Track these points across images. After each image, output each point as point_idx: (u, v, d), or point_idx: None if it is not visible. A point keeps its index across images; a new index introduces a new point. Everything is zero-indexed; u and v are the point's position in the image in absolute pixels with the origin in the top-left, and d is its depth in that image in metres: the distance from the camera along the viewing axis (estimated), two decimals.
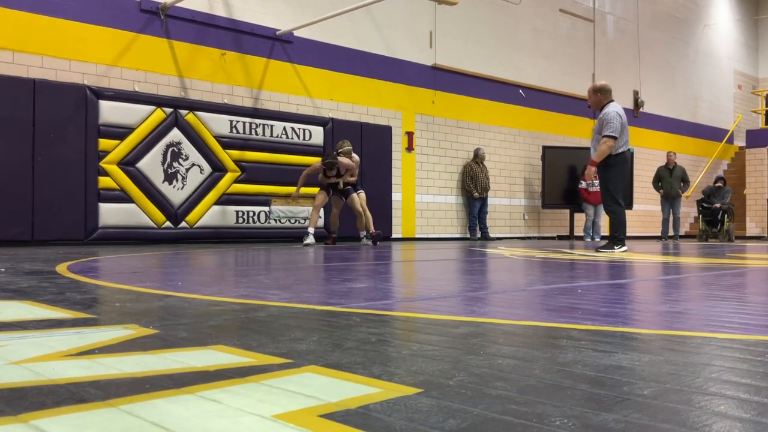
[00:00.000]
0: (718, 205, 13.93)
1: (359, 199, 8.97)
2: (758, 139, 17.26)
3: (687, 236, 16.51)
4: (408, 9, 11.10)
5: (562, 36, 14.16)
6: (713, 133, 18.14)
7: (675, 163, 13.51)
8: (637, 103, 15.56)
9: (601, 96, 7.07)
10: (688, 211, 16.75)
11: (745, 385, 1.22)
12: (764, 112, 17.65)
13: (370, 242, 8.87)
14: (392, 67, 11.09)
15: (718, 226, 13.95)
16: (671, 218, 13.72)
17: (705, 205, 14.31)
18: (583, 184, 12.67)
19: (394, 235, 10.95)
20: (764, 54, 19.66)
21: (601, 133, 6.88)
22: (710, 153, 17.92)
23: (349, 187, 8.70)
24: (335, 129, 9.89)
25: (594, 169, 6.99)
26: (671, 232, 13.77)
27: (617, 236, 7.05)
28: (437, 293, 3.03)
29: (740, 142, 18.27)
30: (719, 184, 14.45)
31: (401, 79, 11.23)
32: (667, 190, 13.52)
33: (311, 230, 8.58)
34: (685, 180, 13.57)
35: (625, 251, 6.96)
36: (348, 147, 8.88)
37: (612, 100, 7.10)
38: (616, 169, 6.98)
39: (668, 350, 1.59)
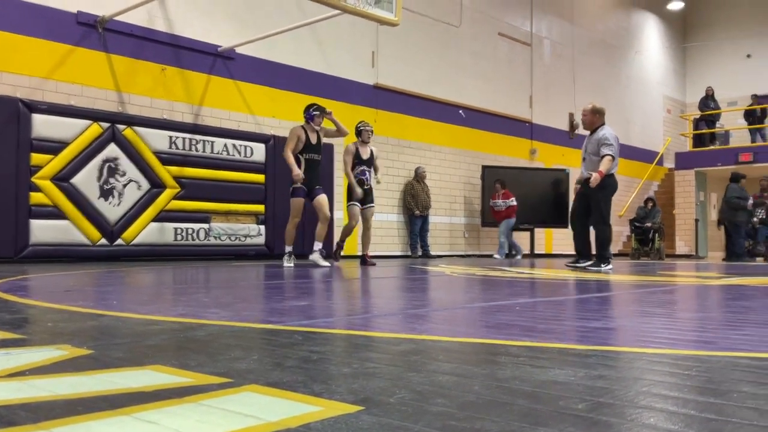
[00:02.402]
0: (649, 225, 14.45)
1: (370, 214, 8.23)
2: (686, 162, 18.01)
3: (620, 254, 17.02)
4: (350, 29, 11.19)
5: (501, 59, 14.50)
6: (645, 155, 18.83)
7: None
8: (572, 125, 16.03)
9: (597, 117, 7.23)
10: (621, 230, 17.29)
11: (674, 398, 1.27)
12: (692, 135, 18.44)
13: (324, 260, 7.59)
14: (334, 85, 11.12)
15: (650, 245, 14.46)
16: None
17: (637, 224, 14.83)
18: (491, 203, 12.85)
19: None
20: (691, 80, 20.59)
21: (598, 153, 7.01)
22: (642, 174, 18.58)
23: (319, 186, 7.54)
24: (277, 146, 9.83)
25: (600, 177, 6.92)
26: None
27: (604, 254, 7.18)
28: (379, 311, 3.04)
29: (669, 164, 19.01)
30: (649, 204, 15.00)
31: (343, 98, 11.27)
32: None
33: (289, 248, 7.41)
34: None
35: (611, 269, 7.07)
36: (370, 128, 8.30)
37: (604, 123, 7.26)
38: (608, 191, 7.14)
39: (602, 365, 1.64)
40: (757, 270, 8.24)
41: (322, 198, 7.47)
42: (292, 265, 7.28)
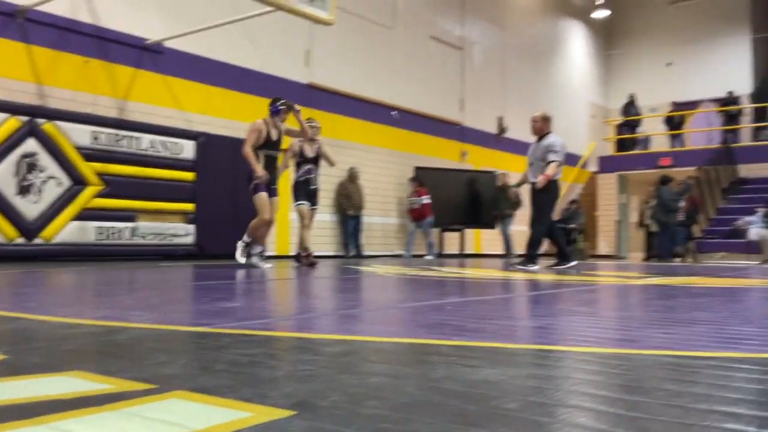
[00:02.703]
0: (573, 226, 14.90)
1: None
2: (609, 165, 18.67)
3: (545, 255, 17.47)
4: (284, 26, 11.06)
5: (433, 62, 14.64)
6: (570, 159, 19.34)
7: (508, 184, 13.98)
8: (501, 129, 16.34)
9: (546, 124, 7.46)
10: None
11: (602, 396, 1.30)
12: (615, 140, 19.12)
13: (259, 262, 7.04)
14: (268, 83, 10.97)
15: (573, 245, 14.90)
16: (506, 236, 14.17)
17: (561, 225, 15.24)
18: (409, 200, 12.90)
19: (267, 253, 10.75)
20: (614, 87, 21.33)
21: (545, 159, 7.24)
22: (567, 177, 19.13)
23: (275, 187, 7.08)
24: (208, 144, 9.62)
25: (546, 180, 7.15)
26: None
27: (532, 254, 7.36)
28: (311, 312, 3.01)
29: (593, 167, 19.63)
30: (574, 206, 15.47)
31: (277, 96, 11.13)
32: (498, 210, 13.94)
33: (261, 248, 7.03)
34: (516, 201, 13.97)
35: (537, 270, 7.20)
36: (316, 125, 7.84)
37: (551, 131, 7.47)
38: (552, 195, 7.40)
39: (532, 364, 1.67)
40: (676, 270, 8.60)
41: (275, 200, 7.08)
42: (270, 265, 6.94)
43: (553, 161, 7.20)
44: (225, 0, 9.99)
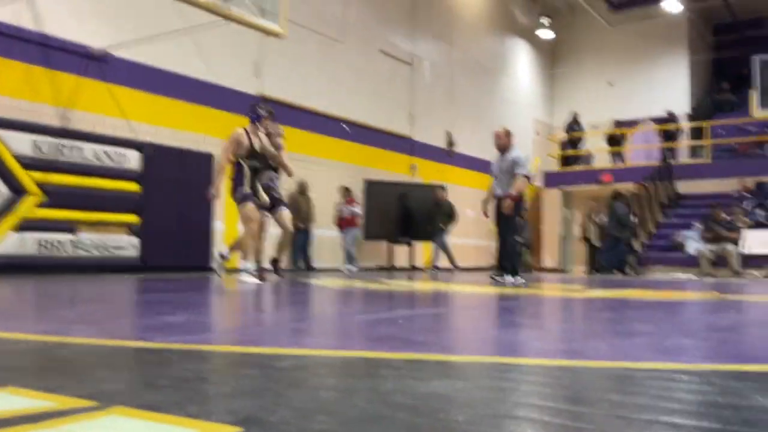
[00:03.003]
0: (519, 240, 15.11)
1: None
2: (553, 181, 19.09)
3: (491, 268, 17.68)
4: (234, 37, 10.96)
5: (383, 76, 14.73)
6: None
7: (444, 199, 14.13)
8: (450, 143, 16.53)
9: (510, 139, 7.67)
10: (491, 245, 17.95)
11: (548, 408, 1.32)
12: (559, 156, 19.56)
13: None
14: (217, 93, 10.85)
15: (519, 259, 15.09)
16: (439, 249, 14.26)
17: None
18: (338, 209, 12.85)
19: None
20: (558, 104, 21.85)
21: (512, 172, 7.43)
22: None
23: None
24: (154, 154, 9.43)
25: (512, 203, 7.37)
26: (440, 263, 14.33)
27: (515, 266, 7.60)
28: (259, 326, 2.97)
29: (538, 182, 20.01)
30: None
31: (226, 107, 11.01)
32: (433, 224, 14.04)
33: (250, 265, 6.50)
34: (450, 215, 14.12)
35: (522, 282, 7.43)
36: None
37: (514, 145, 7.67)
38: (521, 207, 7.60)
39: (479, 376, 1.68)
40: (618, 283, 8.82)
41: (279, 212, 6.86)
42: (256, 280, 6.44)
43: (521, 175, 7.43)
44: (174, 10, 9.84)
